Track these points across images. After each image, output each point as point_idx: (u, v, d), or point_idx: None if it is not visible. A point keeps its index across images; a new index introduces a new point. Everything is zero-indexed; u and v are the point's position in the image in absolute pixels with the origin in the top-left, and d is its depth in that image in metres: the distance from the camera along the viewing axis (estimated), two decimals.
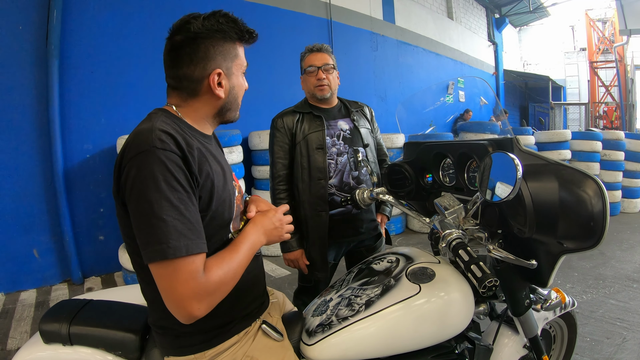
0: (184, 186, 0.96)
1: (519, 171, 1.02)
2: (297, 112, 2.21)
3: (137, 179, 0.94)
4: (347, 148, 2.19)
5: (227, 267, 1.01)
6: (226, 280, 1.01)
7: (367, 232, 2.28)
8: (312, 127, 2.16)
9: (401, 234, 6.16)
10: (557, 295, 1.65)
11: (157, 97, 4.71)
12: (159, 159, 0.94)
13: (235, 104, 1.23)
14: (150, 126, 1.01)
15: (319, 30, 6.98)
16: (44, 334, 1.27)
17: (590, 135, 7.47)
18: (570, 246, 1.16)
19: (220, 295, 1.01)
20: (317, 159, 2.13)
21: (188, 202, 0.96)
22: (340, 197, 1.93)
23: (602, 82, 16.91)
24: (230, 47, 1.16)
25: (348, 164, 2.18)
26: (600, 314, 3.29)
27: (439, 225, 1.29)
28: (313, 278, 2.25)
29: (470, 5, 12.48)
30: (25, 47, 4.09)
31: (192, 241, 0.94)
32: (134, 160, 0.96)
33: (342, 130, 2.21)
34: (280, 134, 2.19)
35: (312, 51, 2.19)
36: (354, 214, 2.19)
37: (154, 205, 0.92)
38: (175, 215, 0.93)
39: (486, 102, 10.84)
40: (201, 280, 0.94)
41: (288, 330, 1.34)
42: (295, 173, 2.20)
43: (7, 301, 3.96)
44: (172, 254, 0.91)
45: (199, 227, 0.97)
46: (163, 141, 0.97)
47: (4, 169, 4.04)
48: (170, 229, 0.91)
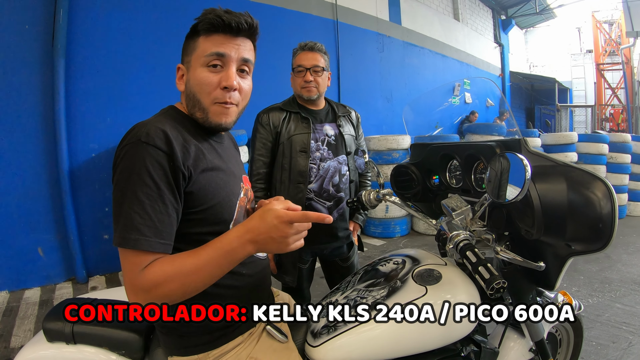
0: (157, 183, 0.97)
1: (528, 172, 1.01)
2: (284, 109, 2.17)
3: (118, 167, 0.99)
4: (331, 154, 2.15)
5: (171, 269, 0.95)
6: (166, 284, 0.94)
7: (341, 240, 2.24)
8: (298, 129, 2.12)
9: (406, 236, 6.13)
10: (564, 298, 1.64)
11: (162, 96, 4.74)
12: (140, 152, 0.97)
13: (196, 100, 1.13)
14: (148, 120, 1.05)
15: (325, 31, 6.97)
16: (47, 333, 1.27)
17: (597, 138, 7.44)
18: (578, 248, 1.15)
19: (159, 296, 0.94)
20: (299, 161, 2.09)
21: (156, 199, 0.96)
22: (348, 199, 1.90)
23: (608, 84, 16.87)
24: (191, 41, 1.15)
25: (339, 168, 2.16)
26: (606, 317, 3.27)
27: (446, 226, 1.27)
28: (281, 281, 2.23)
29: (476, 7, 12.45)
30: (31, 46, 4.10)
31: (144, 238, 0.94)
32: (121, 150, 1.00)
33: (327, 135, 2.17)
34: (264, 130, 2.14)
35: (304, 49, 2.14)
36: None
37: (123, 195, 0.96)
38: (137, 209, 0.94)
39: (492, 103, 10.83)
40: (137, 275, 0.94)
41: (293, 332, 1.34)
42: (274, 173, 2.16)
43: (12, 299, 3.96)
44: (120, 243, 0.94)
45: (160, 226, 0.97)
46: (149, 135, 0.98)
47: (9, 168, 4.05)
48: (127, 221, 0.94)
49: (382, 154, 5.93)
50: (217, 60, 1.10)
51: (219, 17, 1.08)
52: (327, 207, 2.14)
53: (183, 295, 0.96)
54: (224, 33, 1.11)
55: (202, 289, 0.99)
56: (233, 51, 1.12)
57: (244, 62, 1.15)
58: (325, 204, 2.14)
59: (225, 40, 1.11)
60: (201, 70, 1.11)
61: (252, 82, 1.22)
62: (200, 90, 1.12)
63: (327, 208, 2.14)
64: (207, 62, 1.11)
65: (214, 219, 1.12)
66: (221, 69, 1.12)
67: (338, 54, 7.05)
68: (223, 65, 1.12)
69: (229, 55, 1.11)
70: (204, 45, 1.11)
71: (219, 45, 1.10)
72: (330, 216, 0.88)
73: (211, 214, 1.10)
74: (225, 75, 1.11)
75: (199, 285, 0.97)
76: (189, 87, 1.14)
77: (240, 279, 1.20)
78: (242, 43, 1.14)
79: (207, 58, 1.10)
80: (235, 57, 1.12)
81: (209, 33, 1.11)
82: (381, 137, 6.02)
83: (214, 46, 1.10)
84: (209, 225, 1.11)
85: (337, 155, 2.17)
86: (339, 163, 2.16)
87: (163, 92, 4.82)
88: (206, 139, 1.18)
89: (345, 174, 2.19)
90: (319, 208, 2.13)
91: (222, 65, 1.12)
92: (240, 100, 1.18)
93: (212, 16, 1.08)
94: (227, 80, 1.11)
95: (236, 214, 1.18)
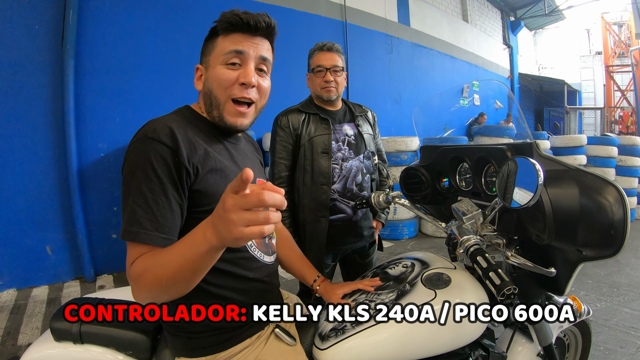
0: (161, 177, 0.98)
1: (540, 177, 1.00)
2: (303, 111, 2.16)
3: (125, 162, 1.02)
4: (352, 154, 2.15)
5: (150, 261, 0.92)
6: (145, 274, 0.91)
7: (365, 239, 2.24)
8: (319, 130, 2.11)
9: (414, 238, 6.13)
10: (574, 303, 1.63)
11: (171, 97, 4.77)
12: (145, 147, 0.99)
13: (213, 97, 1.14)
14: (159, 118, 1.07)
15: (334, 32, 6.98)
16: (54, 332, 1.28)
17: (606, 141, 7.40)
18: (589, 254, 1.13)
19: (142, 287, 0.92)
20: (321, 163, 2.08)
21: (159, 193, 0.98)
22: (356, 201, 1.90)
23: (617, 87, 16.77)
24: (210, 42, 1.17)
25: (362, 167, 2.16)
26: (614, 322, 3.24)
27: (457, 230, 1.27)
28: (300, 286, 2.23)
29: (485, 8, 12.41)
30: (41, 46, 4.13)
31: (144, 231, 0.95)
32: (130, 145, 1.03)
33: (347, 135, 2.17)
34: (284, 133, 2.13)
35: (322, 50, 2.14)
36: (354, 220, 2.15)
37: (128, 189, 0.98)
38: (140, 203, 0.96)
39: (501, 105, 10.78)
40: (129, 267, 0.96)
41: (301, 334, 1.34)
42: (296, 176, 2.15)
43: (19, 297, 3.99)
44: (122, 236, 0.97)
45: (162, 220, 0.98)
46: (155, 131, 1.00)
47: (19, 167, 4.09)
48: (130, 214, 0.96)
49: (391, 156, 5.91)
50: (235, 58, 1.12)
51: (237, 16, 1.09)
52: (350, 206, 2.14)
53: (161, 289, 0.89)
54: (242, 32, 1.12)
55: (178, 285, 0.89)
56: (251, 49, 1.13)
57: (262, 60, 1.16)
58: (349, 203, 2.13)
59: (243, 39, 1.12)
60: (219, 67, 1.12)
61: (270, 82, 1.22)
62: (218, 86, 1.13)
63: (352, 208, 2.13)
64: (226, 60, 1.12)
65: None
66: (239, 66, 1.13)
67: (347, 56, 7.01)
68: (241, 63, 1.13)
69: (247, 53, 1.12)
70: (222, 44, 1.12)
71: (237, 43, 1.11)
72: (282, 190, 0.69)
73: None
74: (243, 72, 1.12)
75: (170, 279, 0.88)
76: (207, 85, 1.15)
77: (245, 282, 1.20)
78: (260, 42, 1.15)
79: (225, 56, 1.11)
80: (253, 55, 1.13)
81: (227, 32, 1.12)
82: (390, 139, 6.01)
83: (232, 44, 1.11)
84: None
85: (359, 154, 2.17)
86: (360, 162, 2.16)
87: (172, 92, 4.86)
88: (219, 139, 1.19)
89: (367, 172, 2.19)
90: (343, 208, 2.13)
91: (240, 64, 1.13)
92: (259, 99, 1.19)
93: (231, 15, 1.09)
94: (245, 76, 1.12)
95: None
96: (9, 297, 3.97)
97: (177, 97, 4.82)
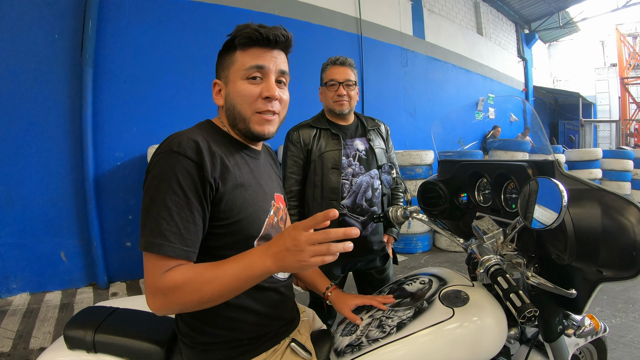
0: (185, 191, 0.99)
1: (564, 198, 0.98)
2: (314, 126, 2.17)
3: (149, 174, 1.02)
4: (362, 169, 2.14)
5: (192, 274, 0.96)
6: (184, 287, 0.95)
7: (375, 253, 2.22)
8: (329, 146, 2.12)
9: (428, 252, 6.07)
10: (591, 322, 1.60)
11: (188, 108, 4.82)
12: (170, 161, 1.00)
13: (237, 112, 1.15)
14: (182, 131, 1.08)
15: (349, 45, 6.99)
16: (68, 340, 1.28)
17: (622, 154, 7.33)
18: (610, 274, 1.11)
19: (176, 300, 0.95)
20: (331, 179, 2.08)
21: (184, 207, 0.99)
22: (373, 215, 1.89)
23: (633, 99, 16.61)
24: (227, 56, 1.17)
25: (372, 182, 2.14)
26: (629, 338, 3.18)
27: (477, 250, 1.25)
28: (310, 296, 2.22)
29: (499, 21, 12.37)
30: (60, 55, 4.21)
31: (169, 244, 0.96)
32: (154, 157, 1.04)
33: (358, 150, 2.16)
34: (295, 148, 2.14)
35: (335, 64, 2.15)
36: (363, 235, 2.13)
37: (152, 201, 0.98)
38: (164, 215, 0.97)
39: (516, 118, 10.71)
40: (158, 277, 0.96)
41: (316, 349, 1.32)
42: (307, 190, 2.16)
43: (32, 301, 4.03)
44: (145, 248, 0.96)
45: (185, 233, 0.99)
46: (180, 145, 1.01)
47: (36, 173, 4.15)
48: (154, 226, 0.97)
49: (406, 169, 5.88)
50: (257, 73, 1.13)
51: (256, 31, 1.10)
52: (360, 221, 2.13)
53: (199, 303, 0.96)
54: (260, 46, 1.13)
55: (218, 300, 0.98)
56: (271, 63, 1.14)
57: (281, 73, 1.17)
58: (358, 218, 2.12)
59: (262, 53, 1.13)
60: (241, 83, 1.13)
61: (289, 94, 1.23)
62: (242, 101, 1.14)
63: (361, 223, 2.13)
64: (247, 75, 1.13)
65: (239, 234, 1.12)
66: (261, 80, 1.14)
67: (362, 69, 7.05)
68: (262, 77, 1.14)
69: (268, 67, 1.13)
70: (242, 58, 1.13)
71: (257, 57, 1.12)
72: (357, 227, 0.84)
73: (237, 229, 1.11)
74: (266, 86, 1.13)
75: (215, 295, 0.96)
76: (229, 101, 1.16)
77: (260, 290, 1.19)
78: (278, 55, 1.16)
79: (247, 71, 1.12)
80: (273, 68, 1.14)
81: (245, 47, 1.13)
82: (405, 152, 5.98)
83: (252, 59, 1.12)
84: (234, 240, 1.11)
85: (369, 169, 2.16)
86: (371, 177, 2.15)
87: (189, 103, 4.91)
88: (240, 153, 1.20)
89: (378, 188, 2.18)
90: (352, 223, 2.12)
91: (261, 77, 1.14)
92: (281, 110, 1.20)
93: (250, 30, 1.10)
94: (268, 90, 1.13)
95: (263, 231, 1.18)
96: (22, 301, 4.02)
97: (194, 108, 4.90)
